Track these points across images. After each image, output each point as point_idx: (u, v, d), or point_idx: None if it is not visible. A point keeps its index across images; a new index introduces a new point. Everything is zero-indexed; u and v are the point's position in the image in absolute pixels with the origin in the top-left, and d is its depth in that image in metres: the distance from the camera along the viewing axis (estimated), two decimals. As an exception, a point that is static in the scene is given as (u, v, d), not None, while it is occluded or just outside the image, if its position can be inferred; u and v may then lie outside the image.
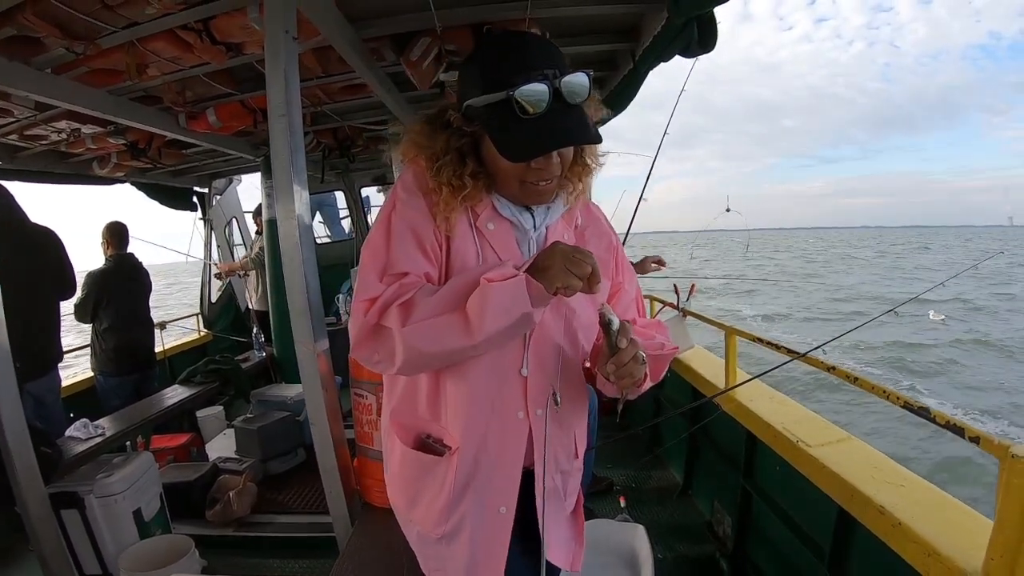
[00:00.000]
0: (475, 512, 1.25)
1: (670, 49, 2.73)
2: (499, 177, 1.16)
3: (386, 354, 1.10)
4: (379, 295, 1.09)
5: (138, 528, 2.77)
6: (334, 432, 2.09)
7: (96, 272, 4.27)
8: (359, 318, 1.10)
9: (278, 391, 4.33)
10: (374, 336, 1.10)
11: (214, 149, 4.42)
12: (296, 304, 1.99)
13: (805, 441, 2.27)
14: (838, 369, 2.06)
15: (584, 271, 1.03)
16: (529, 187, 1.14)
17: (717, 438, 3.27)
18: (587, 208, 1.37)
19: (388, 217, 1.16)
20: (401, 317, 1.05)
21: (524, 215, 1.21)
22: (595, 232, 1.36)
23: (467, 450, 1.22)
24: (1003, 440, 1.34)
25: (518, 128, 1.06)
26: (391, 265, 1.12)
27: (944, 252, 67.91)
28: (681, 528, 3.26)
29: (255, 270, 5.86)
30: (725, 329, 2.90)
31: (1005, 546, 1.32)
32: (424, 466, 1.26)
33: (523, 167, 1.11)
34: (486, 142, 1.13)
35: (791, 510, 2.49)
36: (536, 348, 1.21)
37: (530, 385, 1.23)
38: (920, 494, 1.84)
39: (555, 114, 1.06)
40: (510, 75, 1.05)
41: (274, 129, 1.96)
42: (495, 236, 1.19)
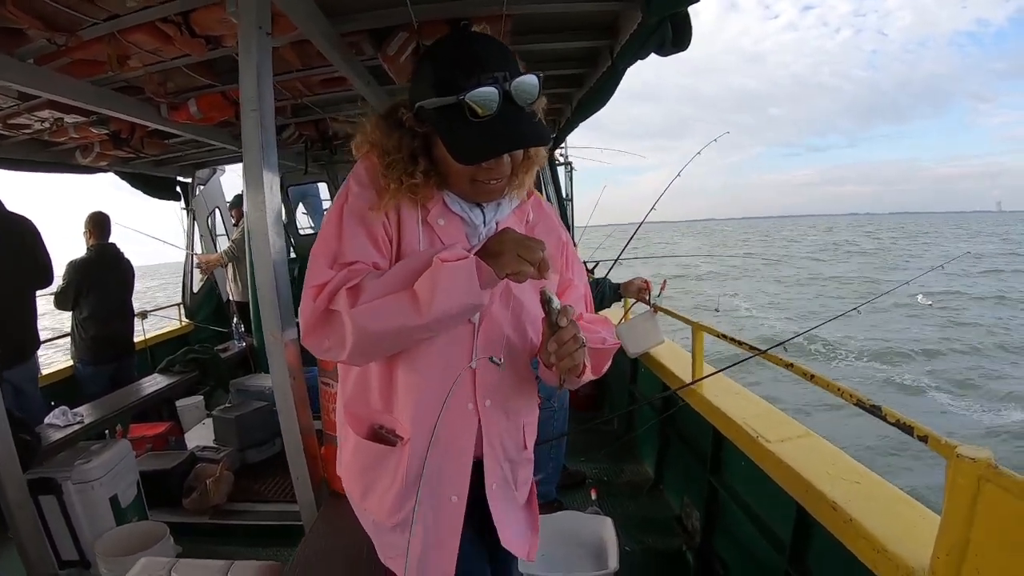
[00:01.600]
0: (427, 501, 1.28)
1: (646, 47, 2.77)
2: (450, 176, 1.18)
3: (336, 340, 1.11)
4: (327, 280, 1.12)
5: (115, 514, 2.81)
6: (302, 421, 2.13)
7: (77, 261, 4.28)
8: (308, 304, 1.12)
9: (257, 381, 4.38)
10: (324, 322, 1.11)
11: (196, 139, 4.43)
12: (264, 294, 2.02)
13: (765, 437, 2.32)
14: (796, 366, 2.09)
15: (535, 257, 1.06)
16: (480, 186, 1.17)
17: (686, 433, 3.33)
18: (538, 204, 1.41)
19: (340, 209, 1.18)
20: (350, 299, 1.07)
21: (474, 211, 1.24)
22: (545, 228, 1.39)
23: (418, 441, 1.25)
24: (949, 440, 1.37)
25: (468, 131, 1.08)
26: (341, 254, 1.14)
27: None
28: (651, 521, 3.32)
29: (231, 263, 5.87)
30: (692, 325, 2.95)
31: (951, 544, 1.35)
32: (377, 456, 1.29)
33: (474, 167, 1.14)
34: (438, 142, 1.15)
35: (755, 505, 2.54)
36: (485, 341, 1.25)
37: (479, 377, 1.27)
38: (873, 490, 1.89)
39: (505, 116, 1.08)
40: (461, 78, 1.07)
41: (246, 123, 1.98)
42: (445, 231, 1.22)
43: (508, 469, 1.40)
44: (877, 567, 1.59)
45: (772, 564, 2.30)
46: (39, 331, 3.67)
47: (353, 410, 1.33)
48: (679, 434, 3.41)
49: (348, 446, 1.35)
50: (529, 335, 1.33)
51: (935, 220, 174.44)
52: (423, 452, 1.25)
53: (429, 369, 1.23)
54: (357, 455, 1.32)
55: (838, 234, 78.30)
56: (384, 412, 1.29)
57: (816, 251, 47.89)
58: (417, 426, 1.25)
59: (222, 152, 5.36)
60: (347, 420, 1.34)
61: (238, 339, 5.34)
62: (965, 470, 1.29)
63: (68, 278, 4.22)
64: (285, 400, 2.08)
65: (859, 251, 50.46)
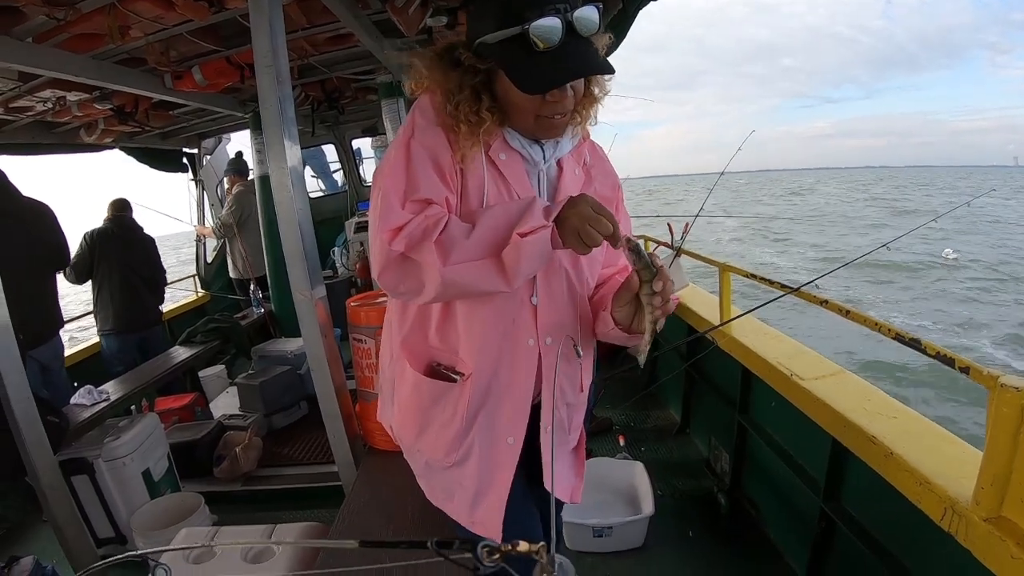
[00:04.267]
0: (484, 441, 1.29)
1: None
2: (513, 112, 1.18)
3: (414, 285, 1.11)
4: (404, 224, 1.10)
5: (148, 489, 2.83)
6: (335, 379, 2.13)
7: (92, 231, 4.28)
8: (384, 247, 1.10)
9: (278, 346, 4.37)
10: (400, 266, 1.11)
11: (202, 108, 4.39)
12: (292, 253, 2.00)
13: (799, 375, 2.31)
14: (831, 303, 2.08)
15: (607, 230, 1.06)
16: (543, 121, 1.17)
17: (713, 376, 3.33)
18: (594, 147, 1.40)
19: (407, 143, 1.16)
20: (441, 256, 1.06)
21: (534, 148, 1.24)
22: (601, 171, 1.39)
23: (480, 377, 1.25)
24: (992, 371, 1.37)
25: (533, 62, 1.09)
26: (412, 190, 1.13)
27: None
28: (679, 465, 3.35)
29: (224, 239, 5.80)
30: (719, 266, 2.93)
31: (995, 474, 1.36)
32: (436, 393, 1.28)
33: (538, 101, 1.13)
34: (500, 78, 1.15)
35: (786, 444, 2.56)
36: (545, 277, 1.24)
37: (540, 313, 1.26)
38: (911, 425, 1.88)
39: (568, 47, 1.08)
40: (523, 10, 1.07)
41: (262, 80, 1.94)
42: (507, 167, 1.21)
43: (565, 413, 1.41)
44: (920, 500, 1.60)
45: (805, 502, 2.32)
46: (62, 312, 3.68)
47: (411, 347, 1.32)
48: (705, 377, 3.42)
49: (406, 384, 1.33)
50: (585, 274, 1.33)
51: (947, 174, 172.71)
52: (484, 389, 1.26)
53: (492, 307, 1.23)
54: (416, 392, 1.31)
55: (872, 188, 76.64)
56: (442, 349, 1.29)
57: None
58: (479, 362, 1.25)
59: (228, 120, 5.31)
60: (405, 355, 1.33)
61: (256, 305, 5.32)
62: (1009, 400, 1.30)
63: (81, 249, 4.21)
64: (318, 359, 2.07)
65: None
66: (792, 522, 2.50)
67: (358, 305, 2.22)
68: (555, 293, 1.27)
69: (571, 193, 1.22)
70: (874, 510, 2.00)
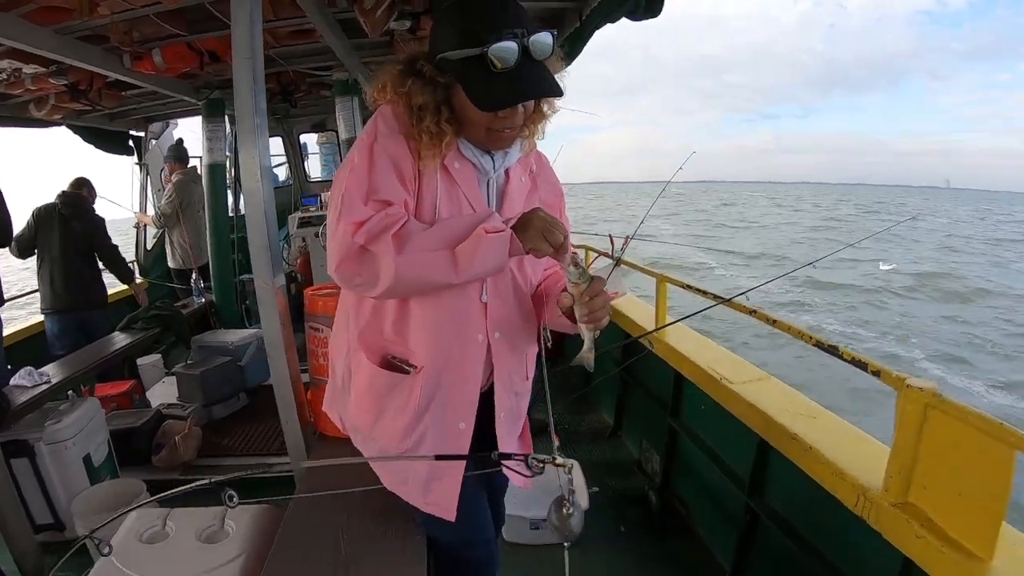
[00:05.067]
0: (436, 428, 1.39)
1: (617, 12, 2.83)
2: (467, 124, 1.26)
3: (369, 277, 1.19)
4: (366, 219, 1.18)
5: (88, 474, 2.80)
6: (291, 367, 2.17)
7: (39, 207, 4.21)
8: (346, 239, 1.18)
9: (219, 337, 4.34)
10: (358, 258, 1.18)
11: (154, 91, 4.32)
12: (257, 243, 2.03)
13: (728, 379, 2.49)
14: (759, 312, 2.27)
15: (557, 240, 1.19)
16: (494, 134, 1.27)
17: (646, 380, 3.49)
18: (539, 156, 1.52)
19: (370, 146, 1.24)
20: (396, 246, 1.15)
21: (485, 158, 1.33)
22: (546, 179, 1.52)
23: (431, 369, 1.35)
24: (900, 373, 1.58)
25: (490, 81, 1.17)
26: (375, 190, 1.21)
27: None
28: (612, 466, 3.50)
29: (163, 228, 5.70)
30: (656, 276, 3.10)
31: (901, 464, 1.55)
32: (391, 384, 1.37)
33: (491, 116, 1.23)
34: (458, 92, 1.23)
35: (714, 444, 2.72)
36: (494, 277, 1.35)
37: (490, 310, 1.37)
38: (829, 424, 2.09)
39: (523, 69, 1.17)
40: (484, 32, 1.15)
41: (239, 70, 1.97)
42: (460, 174, 1.31)
43: (515, 401, 1.52)
44: (836, 489, 1.78)
45: (732, 499, 2.50)
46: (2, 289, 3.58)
47: (368, 340, 1.40)
48: (638, 382, 3.57)
49: (362, 375, 1.41)
50: (528, 274, 1.46)
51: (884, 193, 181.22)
52: (435, 380, 1.36)
53: (444, 304, 1.33)
54: (372, 383, 1.39)
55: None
56: (397, 342, 1.38)
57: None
58: (431, 356, 1.35)
59: (179, 105, 5.22)
60: (361, 348, 1.40)
61: (197, 295, 5.24)
62: (914, 398, 1.51)
63: (28, 223, 4.16)
64: (276, 347, 2.10)
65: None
66: (719, 517, 2.67)
67: (316, 294, 2.27)
68: (503, 292, 1.39)
69: (517, 199, 1.39)
70: (795, 502, 2.18)
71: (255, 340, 4.20)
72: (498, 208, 1.38)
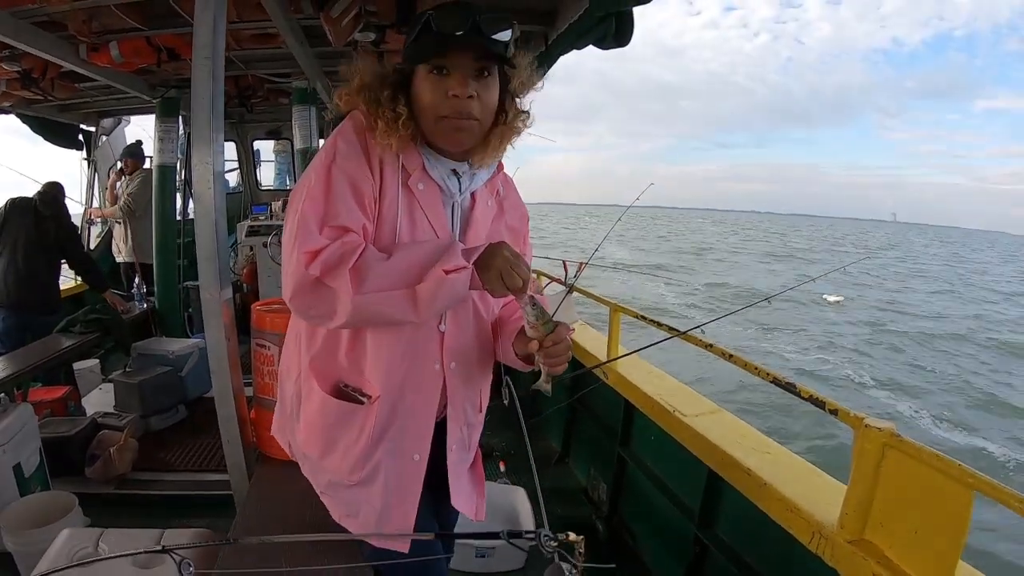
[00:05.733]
0: (390, 459, 1.32)
1: (585, 38, 2.84)
2: (422, 116, 1.21)
3: (326, 310, 1.14)
4: (321, 248, 1.12)
5: (18, 484, 2.65)
6: (234, 382, 2.07)
7: (15, 198, 4.06)
8: (300, 269, 1.12)
9: (160, 345, 4.17)
10: (314, 291, 1.13)
11: (109, 86, 4.18)
12: (205, 252, 1.94)
13: (681, 411, 2.48)
14: (715, 347, 2.26)
15: (515, 284, 1.15)
16: (447, 123, 1.19)
17: (595, 409, 3.46)
18: (506, 179, 1.47)
19: (328, 167, 1.18)
20: (354, 284, 1.10)
21: (451, 180, 1.28)
22: (512, 203, 1.47)
23: (386, 399, 1.28)
24: (858, 413, 1.59)
25: (427, 37, 1.16)
26: (331, 216, 1.15)
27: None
28: (559, 492, 3.45)
29: (125, 220, 5.51)
30: (610, 305, 3.08)
31: (857, 501, 1.55)
32: (343, 414, 1.30)
33: (441, 95, 1.17)
34: (414, 79, 1.21)
35: (664, 475, 2.71)
36: (454, 307, 1.29)
37: (447, 339, 1.32)
38: (782, 459, 2.09)
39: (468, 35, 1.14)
40: (435, 10, 1.15)
41: (198, 72, 1.90)
42: (424, 196, 1.25)
43: (466, 432, 1.46)
44: (791, 525, 1.77)
45: (681, 529, 2.47)
46: None
47: (320, 367, 1.33)
48: (587, 409, 3.54)
49: (313, 402, 1.34)
50: (491, 303, 1.41)
51: (833, 224, 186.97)
52: (390, 410, 1.29)
53: (401, 333, 1.27)
54: (323, 412, 1.32)
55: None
56: (352, 371, 1.31)
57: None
58: (386, 385, 1.28)
59: (134, 101, 5.07)
60: (313, 376, 1.33)
61: (139, 300, 5.04)
62: (872, 437, 1.51)
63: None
64: (220, 361, 2.01)
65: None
66: (667, 548, 2.64)
67: (264, 310, 2.17)
68: (462, 321, 1.34)
69: (482, 224, 1.33)
70: (746, 535, 2.17)
71: (197, 350, 4.06)
72: (462, 233, 1.33)
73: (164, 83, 4.46)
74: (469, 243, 1.26)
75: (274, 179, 7.29)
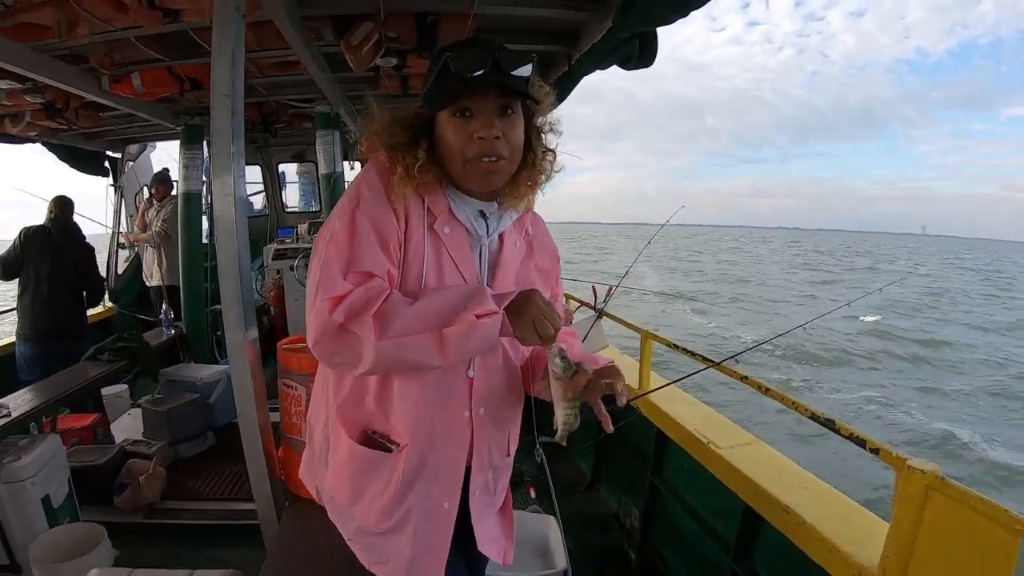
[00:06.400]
0: (420, 507, 1.29)
1: (609, 59, 2.79)
2: (447, 159, 1.19)
3: (351, 357, 1.10)
4: (345, 294, 1.09)
5: (47, 516, 2.64)
6: (260, 421, 2.05)
7: (28, 228, 4.09)
8: (323, 315, 1.09)
9: (188, 371, 4.18)
10: (338, 337, 1.09)
11: (133, 113, 4.22)
12: (228, 291, 1.93)
13: (715, 443, 2.41)
14: (750, 379, 2.18)
15: (547, 333, 1.11)
16: (474, 165, 1.17)
17: (627, 435, 3.37)
18: (535, 218, 1.43)
19: (352, 212, 1.15)
20: (377, 329, 1.06)
21: (479, 222, 1.25)
22: (542, 243, 1.42)
23: (415, 447, 1.25)
24: (900, 453, 1.51)
25: (447, 81, 1.14)
26: (355, 262, 1.12)
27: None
28: (590, 518, 3.38)
29: (159, 245, 5.58)
30: (641, 333, 3.01)
31: (899, 546, 1.48)
32: (370, 461, 1.27)
33: (466, 138, 1.15)
34: (436, 124, 1.19)
35: (698, 505, 2.63)
36: (484, 352, 1.25)
37: (475, 385, 1.28)
38: (822, 496, 2.01)
39: (489, 75, 1.12)
40: (450, 50, 1.14)
41: (217, 110, 1.89)
42: (450, 240, 1.22)
43: (491, 476, 1.42)
44: (831, 567, 1.71)
45: (716, 561, 2.39)
46: None
47: (347, 414, 1.30)
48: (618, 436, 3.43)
49: (341, 449, 1.31)
50: (519, 346, 1.37)
51: (857, 238, 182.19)
52: (419, 458, 1.26)
53: (428, 380, 1.24)
54: (351, 459, 1.29)
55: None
56: (379, 417, 1.28)
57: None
58: (415, 433, 1.25)
59: (158, 128, 5.12)
60: (340, 423, 1.31)
61: (167, 326, 5.07)
62: (915, 480, 1.43)
63: (14, 244, 4.05)
64: (246, 401, 1.99)
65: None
66: None
67: (290, 349, 2.15)
68: (491, 367, 1.31)
69: (510, 267, 1.29)
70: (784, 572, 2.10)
71: (224, 376, 4.05)
72: (490, 277, 1.29)
73: (187, 111, 4.51)
74: (497, 286, 1.23)
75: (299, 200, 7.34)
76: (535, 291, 1.15)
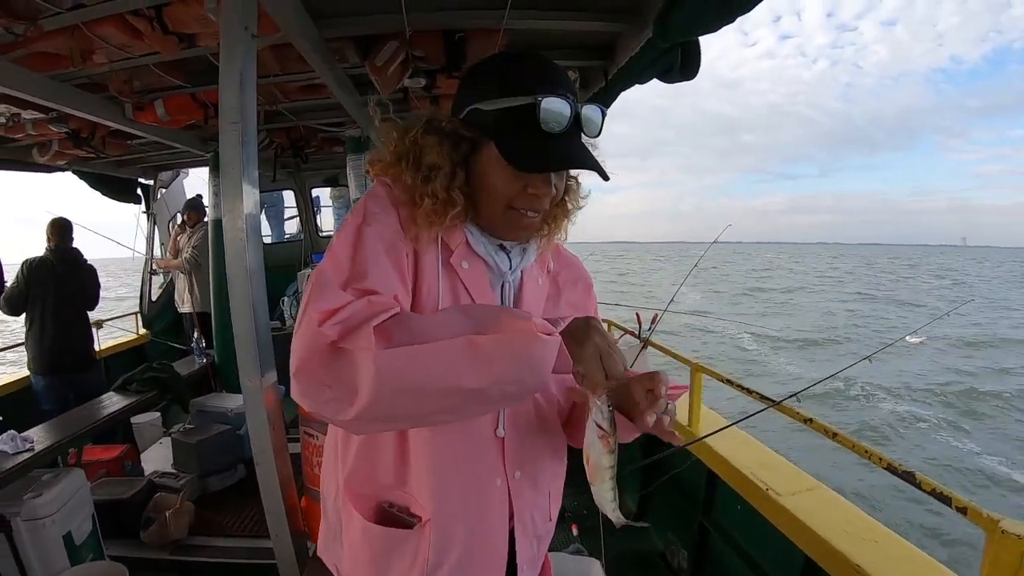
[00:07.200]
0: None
1: (649, 72, 2.63)
2: (485, 197, 1.04)
3: (344, 389, 0.84)
4: (341, 306, 0.87)
5: (69, 554, 2.58)
6: (281, 472, 1.91)
7: (30, 260, 4.08)
8: (310, 329, 0.86)
9: (218, 401, 4.11)
10: (328, 360, 0.84)
11: (161, 141, 4.20)
12: (242, 332, 1.79)
13: (774, 489, 2.22)
14: (815, 422, 1.99)
15: (616, 372, 0.91)
16: (514, 215, 1.03)
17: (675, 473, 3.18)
18: (557, 250, 1.26)
19: (357, 227, 0.98)
20: (379, 338, 0.83)
21: (500, 255, 1.09)
22: (569, 277, 1.27)
23: (441, 521, 1.05)
24: (991, 513, 1.35)
25: (533, 139, 0.97)
26: (357, 276, 0.92)
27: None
28: (636, 557, 3.20)
29: (190, 272, 5.59)
30: (691, 365, 2.82)
31: None
32: (390, 541, 1.07)
33: (519, 188, 1.01)
34: (483, 153, 1.02)
35: (752, 550, 2.44)
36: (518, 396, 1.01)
37: (508, 446, 1.09)
38: (895, 551, 1.83)
39: (571, 137, 0.99)
40: (535, 84, 0.97)
41: (225, 137, 1.76)
42: (469, 277, 1.06)
43: (536, 546, 1.22)
44: None
45: None
46: None
47: (356, 487, 1.10)
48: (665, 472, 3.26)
49: (354, 529, 1.11)
50: (554, 393, 1.18)
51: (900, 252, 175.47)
52: (447, 534, 1.06)
53: (450, 441, 1.05)
54: (367, 541, 1.09)
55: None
56: (395, 487, 1.08)
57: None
58: (439, 505, 1.05)
59: (187, 155, 5.11)
60: (348, 500, 1.10)
61: (199, 355, 5.03)
62: (1009, 545, 1.30)
63: (18, 278, 4.04)
64: (264, 452, 1.86)
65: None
66: None
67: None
68: (522, 421, 1.12)
69: (534, 306, 1.12)
70: None
71: (256, 407, 3.94)
72: None
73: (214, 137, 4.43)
74: None
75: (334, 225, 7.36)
76: (592, 318, 0.96)
